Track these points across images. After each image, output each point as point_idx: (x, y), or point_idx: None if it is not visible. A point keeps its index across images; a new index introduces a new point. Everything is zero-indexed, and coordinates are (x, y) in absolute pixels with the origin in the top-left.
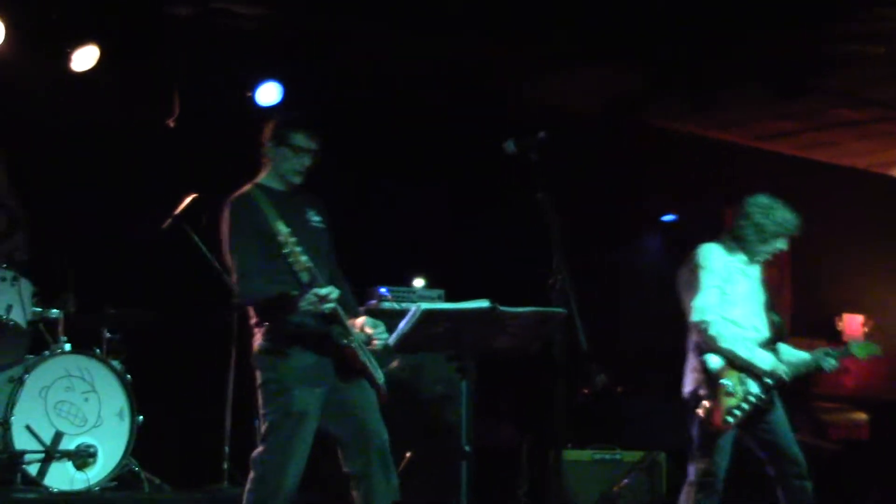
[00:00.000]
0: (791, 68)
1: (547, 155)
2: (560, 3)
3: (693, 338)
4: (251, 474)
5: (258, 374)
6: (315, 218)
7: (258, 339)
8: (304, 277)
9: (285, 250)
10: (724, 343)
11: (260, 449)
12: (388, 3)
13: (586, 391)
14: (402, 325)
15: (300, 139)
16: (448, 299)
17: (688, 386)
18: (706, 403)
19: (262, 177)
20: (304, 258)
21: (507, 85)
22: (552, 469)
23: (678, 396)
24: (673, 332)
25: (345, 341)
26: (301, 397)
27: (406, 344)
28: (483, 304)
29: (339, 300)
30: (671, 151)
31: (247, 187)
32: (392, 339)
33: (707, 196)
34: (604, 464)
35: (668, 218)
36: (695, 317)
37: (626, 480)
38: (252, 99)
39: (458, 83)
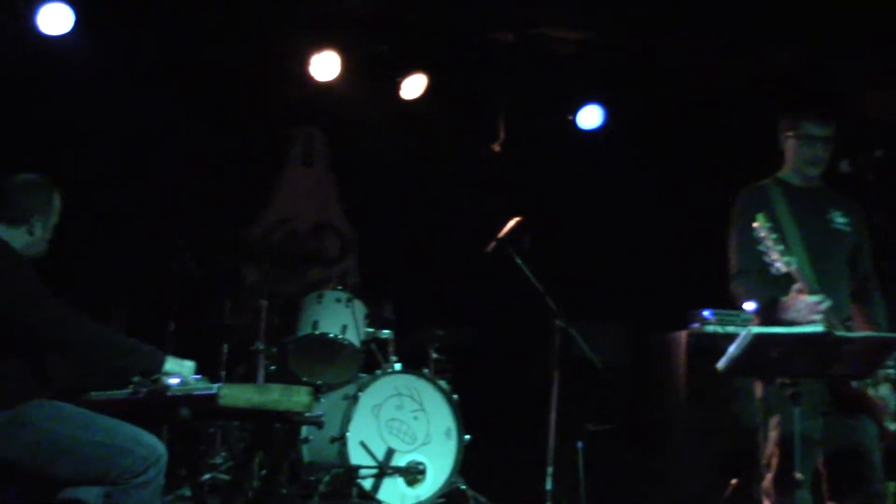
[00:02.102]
0: None
1: (884, 175)
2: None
3: None
4: None
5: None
6: (840, 219)
7: None
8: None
9: (759, 247)
10: None
11: (767, 477)
12: (710, 19)
13: None
14: (732, 348)
15: (809, 126)
16: None
17: None
18: None
19: (782, 171)
20: (786, 258)
21: (841, 100)
22: None
23: None
24: None
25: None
26: (796, 419)
27: (735, 368)
28: (818, 328)
29: (842, 317)
30: None
31: (764, 180)
32: (721, 362)
33: None
34: None
35: None
36: None
37: None
38: (574, 122)
39: (786, 100)
